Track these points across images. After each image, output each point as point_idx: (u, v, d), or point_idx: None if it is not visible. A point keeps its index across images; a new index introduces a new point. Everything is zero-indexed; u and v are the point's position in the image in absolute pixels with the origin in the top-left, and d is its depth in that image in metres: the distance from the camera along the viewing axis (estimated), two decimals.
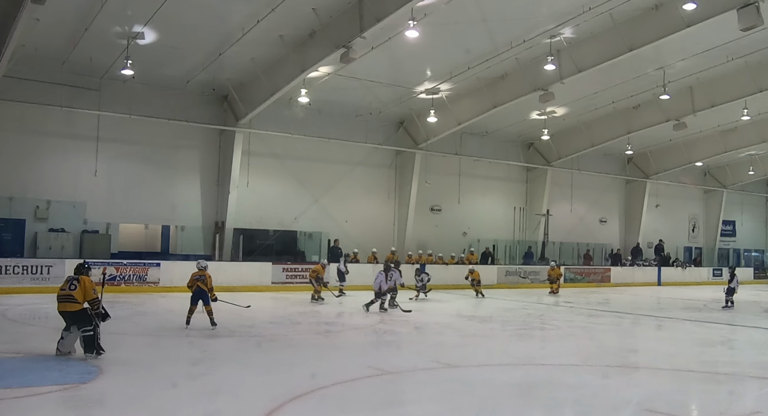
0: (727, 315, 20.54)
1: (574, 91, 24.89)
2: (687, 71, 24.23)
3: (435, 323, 16.53)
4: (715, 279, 37.60)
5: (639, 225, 37.25)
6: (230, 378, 9.34)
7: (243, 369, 9.99)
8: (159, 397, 8.03)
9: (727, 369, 11.10)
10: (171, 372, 9.51)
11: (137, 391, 8.29)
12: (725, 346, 14.33)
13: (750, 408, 8.39)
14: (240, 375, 9.53)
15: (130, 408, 7.55)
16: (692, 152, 34.85)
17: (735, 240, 44.15)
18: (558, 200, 33.91)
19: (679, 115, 27.23)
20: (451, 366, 10.69)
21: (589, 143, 31.03)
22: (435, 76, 23.78)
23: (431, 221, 30.13)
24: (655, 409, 8.07)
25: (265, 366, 10.37)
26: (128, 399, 7.94)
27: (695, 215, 42.00)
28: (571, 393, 9.05)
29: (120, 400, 7.88)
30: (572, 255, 34.39)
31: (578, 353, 11.84)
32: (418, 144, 28.23)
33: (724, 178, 41.11)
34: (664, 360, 11.91)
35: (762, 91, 24.82)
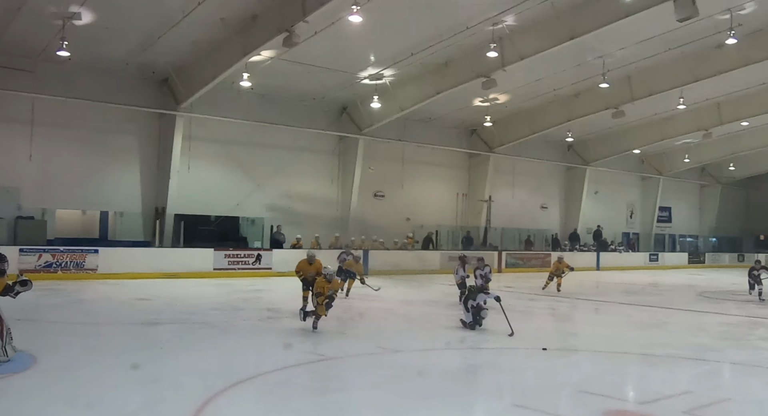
0: (662, 298, 21.12)
1: (517, 79, 25.11)
2: (626, 60, 24.67)
3: (378, 308, 16.59)
4: (651, 264, 38.64)
5: (579, 211, 37.95)
6: (170, 365, 9.23)
7: (183, 356, 9.87)
8: (96, 386, 7.87)
9: (662, 351, 11.40)
10: (109, 361, 9.32)
11: (73, 380, 8.12)
12: (660, 329, 14.70)
13: (682, 389, 8.64)
14: (180, 362, 9.42)
15: (65, 397, 7.39)
16: (630, 140, 35.63)
17: (671, 226, 45.34)
18: (500, 186, 34.28)
19: (617, 103, 27.77)
20: (394, 351, 10.74)
21: (530, 130, 31.42)
22: (379, 62, 23.73)
23: (375, 206, 30.16)
24: (591, 391, 8.25)
25: (205, 352, 10.25)
26: (64, 388, 7.78)
27: (633, 201, 42.99)
28: (511, 376, 9.20)
29: (55, 390, 7.69)
30: (514, 241, 34.85)
31: (518, 336, 12.01)
32: (361, 130, 28.19)
33: (661, 165, 42.15)
34: (602, 343, 12.18)
35: (697, 80, 25.47)
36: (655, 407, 7.59)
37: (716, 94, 29.42)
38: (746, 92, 29.48)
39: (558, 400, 7.96)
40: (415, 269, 27.97)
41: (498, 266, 30.85)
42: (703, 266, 42.08)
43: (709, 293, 23.03)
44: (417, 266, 28.30)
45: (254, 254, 24.57)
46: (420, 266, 28.35)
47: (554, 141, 35.15)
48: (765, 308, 18.41)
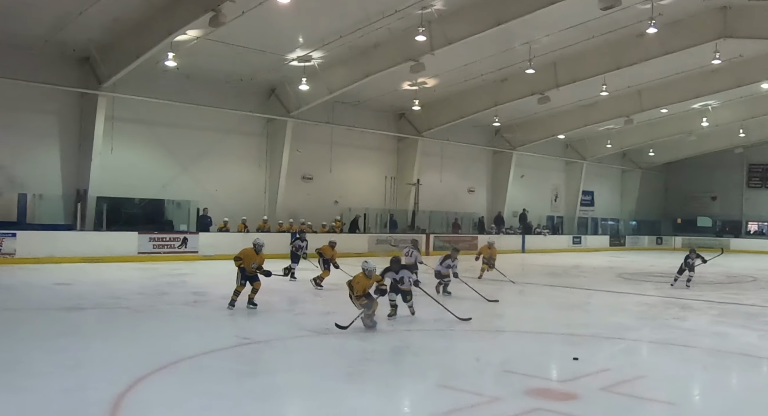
0: (584, 280, 21.70)
1: (445, 63, 25.26)
2: (551, 47, 25.08)
3: (305, 291, 16.56)
4: (574, 246, 39.64)
5: (505, 194, 38.59)
6: (93, 350, 9.04)
7: (107, 341, 9.69)
8: (15, 373, 7.63)
9: (583, 331, 11.74)
10: (29, 347, 9.07)
11: None
12: (582, 309, 15.14)
13: (601, 366, 8.91)
14: (103, 347, 9.24)
15: None
16: (555, 125, 36.35)
17: (593, 209, 46.56)
18: (428, 169, 34.54)
19: (543, 89, 28.24)
20: (320, 334, 10.75)
21: (458, 114, 31.71)
22: (307, 44, 23.52)
23: (303, 189, 29.99)
24: (515, 370, 8.44)
25: (129, 337, 10.07)
26: None
27: (557, 185, 43.96)
28: (437, 357, 9.32)
29: None
30: (441, 224, 35.22)
31: (445, 318, 12.17)
32: (289, 112, 27.93)
33: (584, 150, 43.17)
34: (526, 324, 12.47)
35: (620, 68, 26.14)
36: (576, 384, 7.82)
37: (637, 81, 30.25)
38: (666, 80, 30.40)
39: (483, 380, 8.12)
40: (343, 252, 27.92)
41: (426, 249, 31.13)
42: (624, 249, 43.41)
43: (628, 275, 23.78)
44: (345, 249, 28.26)
45: (180, 238, 24.16)
46: (347, 249, 28.32)
47: (482, 125, 35.55)
48: (680, 289, 19.10)
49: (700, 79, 29.96)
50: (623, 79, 28.71)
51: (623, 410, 7.00)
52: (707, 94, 31.65)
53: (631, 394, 7.54)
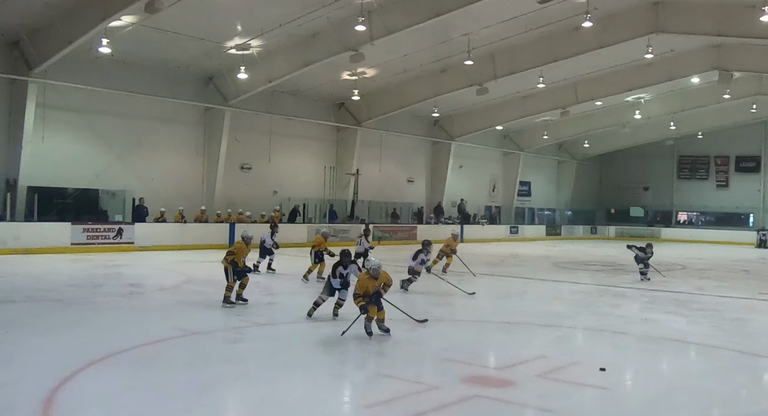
0: (521, 269, 22.05)
1: (384, 53, 25.28)
2: (490, 39, 25.31)
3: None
4: (511, 236, 40.21)
5: (444, 185, 38.89)
6: (24, 344, 8.82)
7: (39, 334, 9.44)
8: None
9: (520, 319, 11.95)
10: None
11: None
12: (519, 298, 15.39)
13: (537, 353, 9.09)
14: (35, 341, 9.02)
15: None
16: (493, 116, 36.78)
17: (530, 200, 47.33)
18: (368, 159, 34.58)
19: (481, 80, 28.51)
20: (260, 325, 10.71)
21: (398, 105, 31.79)
22: (246, 32, 23.23)
23: (241, 179, 29.66)
24: (453, 358, 8.55)
25: (63, 330, 9.85)
26: None
27: (495, 175, 44.50)
28: (376, 346, 9.37)
29: None
30: (380, 214, 35.32)
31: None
32: (228, 101, 27.58)
33: (522, 141, 43.82)
34: (465, 313, 12.63)
35: (556, 61, 26.57)
36: (512, 371, 7.97)
37: (573, 74, 30.83)
38: (600, 73, 31.08)
39: (421, 368, 8.21)
40: (282, 242, 27.80)
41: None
42: (560, 238, 44.25)
43: (564, 264, 24.27)
44: (284, 239, 28.12)
45: (115, 228, 23.67)
46: (287, 240, 28.19)
47: (421, 116, 35.74)
48: (614, 277, 19.60)
49: (633, 72, 30.71)
50: (559, 72, 29.20)
51: (558, 395, 7.16)
52: (640, 87, 32.51)
53: (566, 380, 7.72)
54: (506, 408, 6.72)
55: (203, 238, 25.67)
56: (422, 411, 6.48)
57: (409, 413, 6.41)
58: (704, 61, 29.32)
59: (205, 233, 26.10)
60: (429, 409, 6.52)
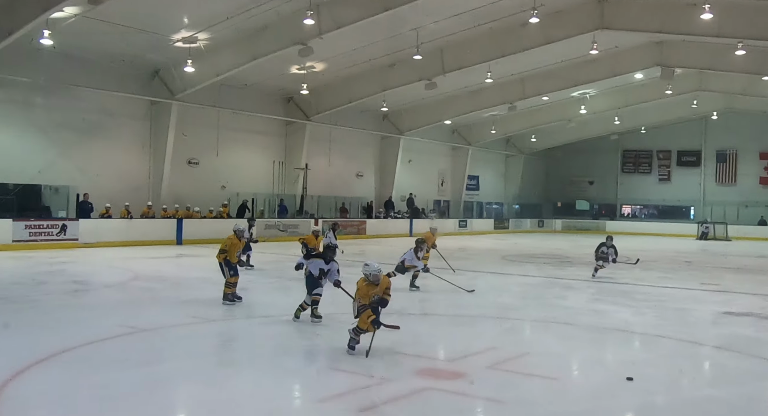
0: (470, 262, 22.23)
1: (333, 47, 25.20)
2: (438, 34, 25.42)
3: (193, 277, 16.25)
4: (460, 230, 40.52)
5: (393, 179, 38.97)
6: None
7: None
8: None
9: (469, 312, 12.07)
10: None
11: None
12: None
13: (487, 345, 9.19)
14: None
15: None
16: (442, 111, 36.96)
17: (478, 194, 47.78)
18: (317, 154, 34.45)
19: (430, 75, 28.61)
20: (209, 321, 10.60)
21: (347, 99, 31.72)
22: (193, 25, 22.90)
23: (189, 174, 29.23)
24: (404, 351, 8.59)
25: (6, 330, 9.60)
26: None
27: (444, 170, 44.77)
28: (326, 341, 9.36)
29: None
30: (330, 208, 35.24)
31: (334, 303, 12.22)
32: (174, 95, 27.15)
33: (470, 136, 44.17)
34: (415, 306, 12.69)
35: (504, 56, 26.79)
36: (463, 363, 8.05)
37: (521, 69, 31.18)
38: (547, 69, 31.50)
39: (373, 362, 8.22)
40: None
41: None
42: (507, 232, 44.79)
43: (512, 257, 24.57)
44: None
45: (58, 225, 23.13)
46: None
47: (370, 110, 35.74)
48: (561, 269, 19.92)
49: (579, 68, 31.21)
50: (507, 67, 29.50)
51: (508, 386, 7.26)
52: (585, 83, 33.04)
53: (516, 371, 7.83)
54: (457, 400, 6.78)
55: (150, 234, 25.30)
56: (374, 404, 6.51)
57: (362, 406, 6.43)
58: (647, 57, 29.98)
59: (151, 229, 25.71)
60: (381, 402, 6.55)
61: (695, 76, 34.76)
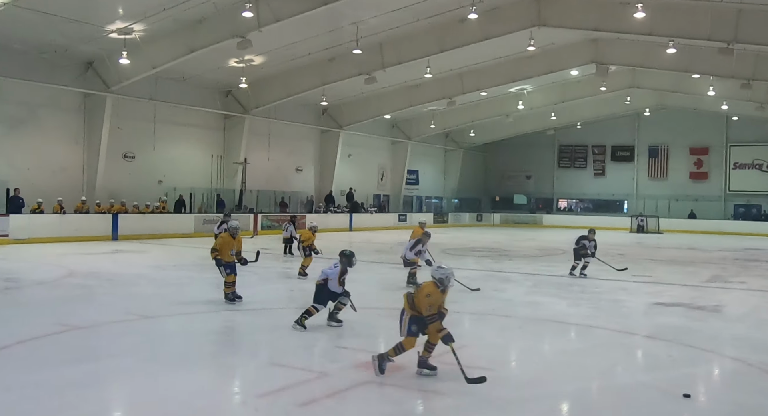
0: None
1: (273, 41, 25.00)
2: (378, 28, 25.44)
3: (129, 274, 15.96)
4: (400, 224, 40.65)
5: (333, 173, 38.89)
6: None
7: None
8: None
9: None
10: None
11: None
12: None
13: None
14: None
15: None
16: (382, 106, 37.06)
17: (418, 188, 48.07)
18: (256, 148, 34.14)
19: (370, 69, 28.63)
20: (146, 317, 10.44)
21: (286, 93, 31.51)
22: (128, 16, 22.40)
23: (124, 168, 28.66)
24: (344, 346, 8.63)
25: None
26: None
27: (384, 164, 44.89)
28: (268, 335, 9.34)
29: None
30: (269, 203, 35.01)
31: (277, 297, 12.20)
32: (109, 87, 26.55)
33: (409, 130, 44.39)
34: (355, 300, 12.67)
35: (443, 51, 27.00)
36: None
37: (459, 65, 31.47)
38: (486, 65, 31.87)
39: (313, 356, 8.24)
40: (169, 233, 27.24)
41: (254, 229, 30.91)
42: (447, 226, 45.12)
43: (451, 250, 24.79)
44: (170, 229, 27.56)
45: None
46: (173, 230, 27.64)
47: (310, 104, 35.58)
48: (499, 262, 20.20)
49: (517, 64, 31.65)
50: (446, 62, 29.73)
51: (447, 377, 7.34)
52: (522, 79, 33.53)
53: (454, 362, 7.91)
54: (397, 392, 6.84)
55: (84, 230, 24.73)
56: (314, 398, 6.52)
57: (302, 401, 6.43)
58: (582, 54, 30.64)
59: (86, 225, 25.13)
60: (321, 396, 6.57)
61: (628, 73, 35.67)
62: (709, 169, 46.71)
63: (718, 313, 11.97)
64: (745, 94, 31.58)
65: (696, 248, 28.54)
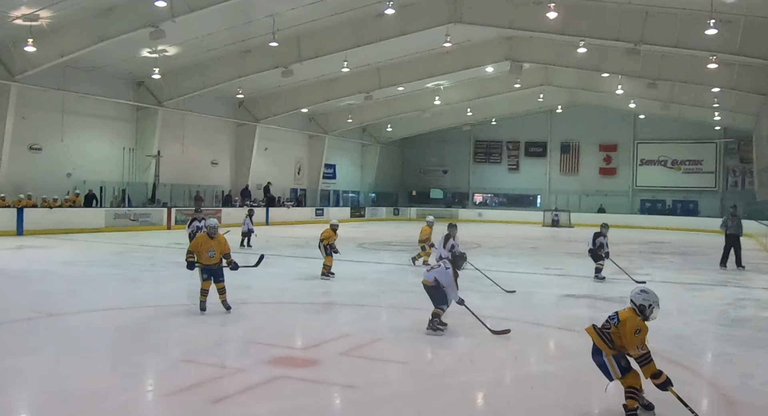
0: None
1: (187, 31, 24.53)
2: (295, 21, 25.28)
3: (35, 270, 15.40)
4: (317, 218, 40.56)
5: (249, 167, 38.45)
6: None
7: None
8: None
9: (324, 299, 12.16)
10: None
11: None
12: (323, 279, 15.57)
13: (341, 332, 9.31)
14: None
15: None
16: (299, 99, 36.86)
17: (335, 182, 48.03)
18: (170, 141, 33.38)
19: (287, 62, 28.41)
20: (53, 315, 10.12)
21: (201, 85, 30.94)
22: (33, 1, 21.50)
23: (30, 160, 27.51)
24: (258, 341, 8.56)
25: None
26: None
27: (301, 158, 44.64)
28: (179, 332, 9.17)
29: None
30: (183, 197, 34.30)
31: (189, 293, 11.99)
32: (13, 75, 25.44)
33: (327, 124, 44.29)
34: (270, 295, 12.62)
35: (360, 46, 27.05)
36: (317, 351, 8.11)
37: (377, 60, 31.59)
38: (403, 60, 32.08)
39: (226, 352, 8.14)
40: (77, 227, 26.40)
41: (168, 224, 30.30)
42: (364, 220, 45.33)
43: (368, 245, 24.90)
44: (79, 224, 26.71)
45: None
46: (82, 225, 26.79)
47: (225, 97, 35.07)
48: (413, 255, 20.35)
49: (433, 60, 32.00)
50: (364, 57, 29.78)
51: (361, 371, 7.39)
52: (439, 74, 33.91)
53: (369, 356, 7.98)
54: (310, 387, 6.83)
55: None
56: (227, 395, 6.45)
57: (213, 398, 6.36)
58: (498, 51, 31.20)
59: None
60: (234, 393, 6.51)
61: (542, 71, 36.52)
62: (618, 165, 48.33)
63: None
64: (651, 94, 32.80)
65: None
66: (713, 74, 26.33)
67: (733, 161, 45.25)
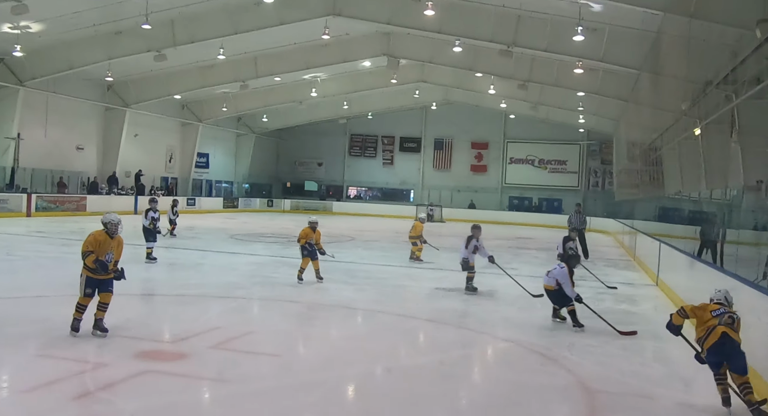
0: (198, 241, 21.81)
1: (53, 8, 23.31)
2: (170, 4, 24.52)
3: None
4: (188, 208, 39.54)
5: (117, 154, 36.95)
6: None
7: None
8: None
9: (195, 291, 11.85)
10: None
11: None
12: (195, 270, 15.21)
13: (212, 325, 9.09)
14: None
15: None
16: (172, 85, 35.77)
17: (208, 172, 46.99)
18: (31, 123, 31.53)
19: (160, 46, 27.49)
20: None
21: (67, 65, 29.40)
22: None
23: None
24: (123, 334, 8.21)
25: None
26: None
27: (173, 146, 43.36)
28: (41, 325, 8.67)
29: None
30: (45, 183, 32.59)
31: (50, 284, 11.41)
32: None
33: (201, 112, 43.25)
34: (137, 286, 12.18)
35: (237, 33, 26.54)
36: (187, 344, 7.89)
37: (254, 48, 31.13)
38: (281, 50, 31.74)
39: (88, 347, 7.76)
40: None
41: (27, 211, 28.71)
42: (237, 211, 44.61)
43: (240, 236, 24.51)
44: None
45: None
46: None
47: (93, 79, 33.53)
48: (288, 248, 20.19)
49: (311, 52, 31.86)
50: (241, 45, 29.28)
51: (231, 364, 7.24)
52: (316, 66, 33.78)
53: (240, 349, 7.84)
54: (179, 381, 6.63)
55: None
56: (88, 391, 6.17)
57: (74, 394, 6.06)
58: (375, 46, 31.43)
59: None
60: (96, 388, 6.23)
61: (418, 67, 37.04)
62: (488, 162, 49.81)
63: (492, 297, 12.77)
64: (521, 95, 33.96)
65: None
66: (579, 79, 27.59)
67: (594, 162, 47.64)
